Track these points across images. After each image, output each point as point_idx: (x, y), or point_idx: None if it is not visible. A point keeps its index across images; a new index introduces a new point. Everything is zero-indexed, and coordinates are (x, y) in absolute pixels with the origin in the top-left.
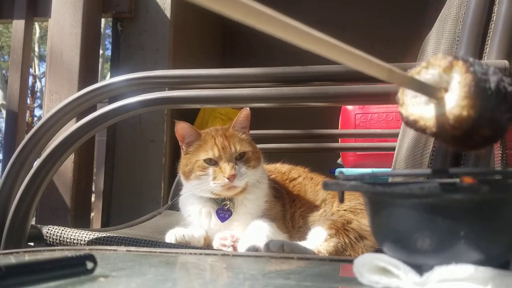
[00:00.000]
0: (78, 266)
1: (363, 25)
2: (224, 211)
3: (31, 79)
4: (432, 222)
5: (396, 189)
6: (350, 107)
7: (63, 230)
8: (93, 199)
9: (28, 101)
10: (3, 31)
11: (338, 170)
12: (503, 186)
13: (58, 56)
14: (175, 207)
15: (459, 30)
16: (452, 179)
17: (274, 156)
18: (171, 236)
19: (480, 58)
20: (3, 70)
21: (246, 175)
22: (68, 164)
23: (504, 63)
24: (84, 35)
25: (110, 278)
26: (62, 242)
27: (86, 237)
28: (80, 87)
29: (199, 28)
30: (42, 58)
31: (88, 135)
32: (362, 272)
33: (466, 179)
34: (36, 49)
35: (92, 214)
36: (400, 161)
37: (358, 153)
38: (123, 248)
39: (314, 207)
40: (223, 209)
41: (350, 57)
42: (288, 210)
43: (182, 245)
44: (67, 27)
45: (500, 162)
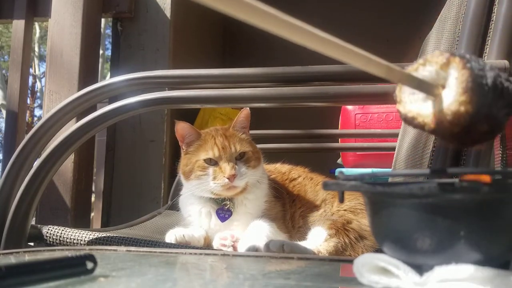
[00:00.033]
0: (78, 266)
1: (363, 25)
2: (224, 211)
3: (31, 79)
4: (432, 222)
5: (396, 189)
6: (350, 107)
7: (63, 230)
8: (93, 199)
9: (28, 101)
10: (3, 31)
11: (338, 170)
12: (503, 186)
13: (58, 56)
14: (175, 207)
15: (459, 30)
16: (452, 179)
17: (274, 156)
18: (171, 236)
19: (480, 58)
20: (3, 70)
21: (246, 175)
22: (68, 164)
23: (504, 63)
24: (84, 35)
25: (110, 278)
26: (62, 242)
27: (86, 237)
28: (80, 87)
29: (199, 28)
30: (42, 58)
31: (88, 135)
32: (362, 272)
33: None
34: (36, 49)
35: (92, 214)
36: (400, 161)
37: (358, 153)
38: (123, 248)
39: (314, 207)
40: (223, 209)
41: (348, 54)
42: (288, 210)
43: (182, 245)
44: (67, 27)
45: (500, 162)
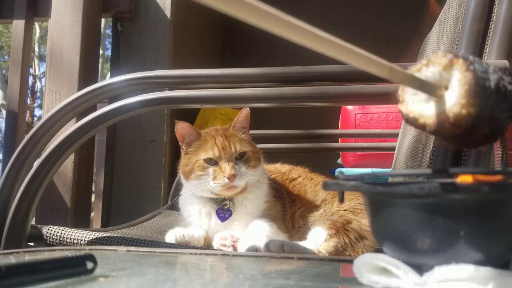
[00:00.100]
0: (78, 266)
1: (363, 25)
2: (224, 211)
3: (31, 79)
4: (432, 222)
5: (396, 189)
6: (350, 107)
7: (63, 230)
8: (93, 199)
9: (28, 101)
10: (3, 31)
11: (338, 170)
12: (503, 186)
13: (58, 56)
14: (175, 207)
15: (459, 30)
16: (452, 179)
17: (274, 156)
18: (171, 236)
19: (480, 58)
20: (3, 70)
21: (246, 175)
22: (68, 164)
23: (504, 63)
24: (84, 35)
25: (110, 278)
26: (62, 242)
27: (86, 237)
28: (80, 87)
29: (199, 28)
30: (42, 58)
31: (88, 135)
32: (362, 272)
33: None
34: (36, 49)
35: (92, 214)
36: (400, 161)
37: (358, 153)
38: (123, 248)
39: (314, 207)
40: (223, 209)
41: (351, 55)
42: (288, 210)
43: (182, 245)
44: (67, 27)
45: (500, 162)
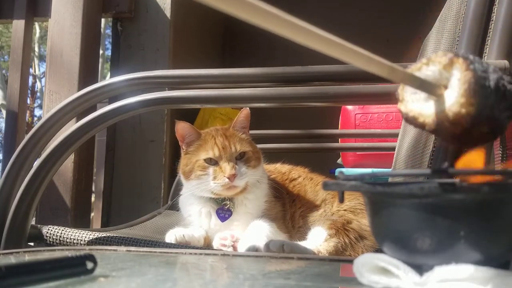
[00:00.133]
0: (78, 266)
1: (363, 25)
2: (224, 211)
3: (31, 79)
4: (432, 222)
5: (396, 189)
6: (350, 107)
7: (63, 230)
8: (93, 199)
9: (28, 101)
10: (3, 31)
11: (338, 170)
12: (503, 186)
13: (58, 56)
14: (175, 207)
15: (459, 30)
16: (452, 179)
17: (274, 156)
18: (171, 236)
19: (480, 58)
20: (3, 70)
21: (246, 175)
22: (68, 164)
23: (504, 63)
24: (84, 35)
25: (110, 278)
26: (62, 242)
27: (86, 237)
28: (80, 87)
29: (199, 28)
30: (42, 58)
31: (88, 135)
32: (362, 272)
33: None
34: (36, 49)
35: (92, 214)
36: (400, 161)
37: (358, 153)
38: (123, 248)
39: (314, 207)
40: (223, 209)
41: (351, 54)
42: (288, 210)
43: (182, 245)
44: (67, 27)
45: (500, 162)
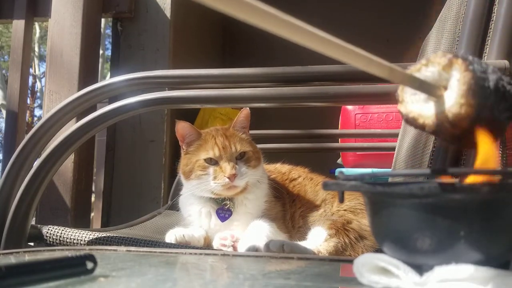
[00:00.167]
0: (78, 266)
1: (363, 25)
2: (224, 211)
3: (31, 79)
4: (432, 222)
5: (396, 189)
6: (350, 107)
7: (63, 230)
8: (93, 199)
9: (28, 101)
10: (3, 31)
11: (338, 170)
12: (503, 186)
13: (58, 56)
14: (175, 207)
15: (459, 30)
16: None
17: (274, 156)
18: (171, 236)
19: (480, 58)
20: (3, 70)
21: (247, 175)
22: (68, 164)
23: (504, 63)
24: (84, 35)
25: (110, 278)
26: (62, 242)
27: (86, 237)
28: (80, 87)
29: (199, 28)
30: (42, 58)
31: (88, 135)
32: (362, 272)
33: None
34: (36, 49)
35: (92, 214)
36: (400, 161)
37: (358, 153)
38: (123, 248)
39: (314, 207)
40: (223, 209)
41: (351, 55)
42: (288, 210)
43: (182, 245)
44: (67, 27)
45: (500, 162)
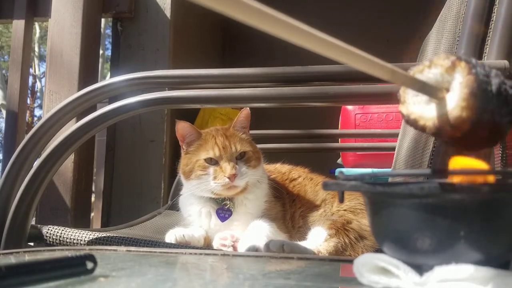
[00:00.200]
0: (78, 266)
1: (363, 25)
2: (224, 211)
3: (31, 79)
4: (432, 222)
5: (396, 189)
6: (350, 107)
7: (63, 230)
8: (93, 199)
9: (28, 101)
10: (3, 31)
11: (338, 170)
12: (503, 186)
13: (58, 56)
14: (175, 207)
15: (459, 30)
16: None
17: (274, 156)
18: (171, 236)
19: (480, 58)
20: (3, 70)
21: (247, 175)
22: (68, 164)
23: (504, 63)
24: (84, 35)
25: (110, 278)
26: (62, 242)
27: (86, 237)
28: (80, 87)
29: (199, 28)
30: (42, 58)
31: (88, 135)
32: (362, 272)
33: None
34: (36, 49)
35: (92, 214)
36: (400, 161)
37: (358, 153)
38: (123, 248)
39: (314, 207)
40: (223, 209)
41: (353, 57)
42: (288, 210)
43: (182, 245)
44: (67, 27)
45: (500, 162)
